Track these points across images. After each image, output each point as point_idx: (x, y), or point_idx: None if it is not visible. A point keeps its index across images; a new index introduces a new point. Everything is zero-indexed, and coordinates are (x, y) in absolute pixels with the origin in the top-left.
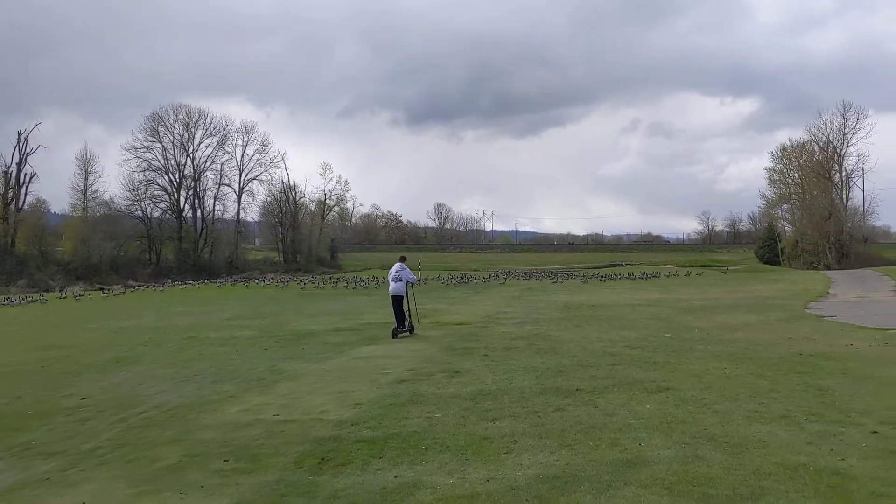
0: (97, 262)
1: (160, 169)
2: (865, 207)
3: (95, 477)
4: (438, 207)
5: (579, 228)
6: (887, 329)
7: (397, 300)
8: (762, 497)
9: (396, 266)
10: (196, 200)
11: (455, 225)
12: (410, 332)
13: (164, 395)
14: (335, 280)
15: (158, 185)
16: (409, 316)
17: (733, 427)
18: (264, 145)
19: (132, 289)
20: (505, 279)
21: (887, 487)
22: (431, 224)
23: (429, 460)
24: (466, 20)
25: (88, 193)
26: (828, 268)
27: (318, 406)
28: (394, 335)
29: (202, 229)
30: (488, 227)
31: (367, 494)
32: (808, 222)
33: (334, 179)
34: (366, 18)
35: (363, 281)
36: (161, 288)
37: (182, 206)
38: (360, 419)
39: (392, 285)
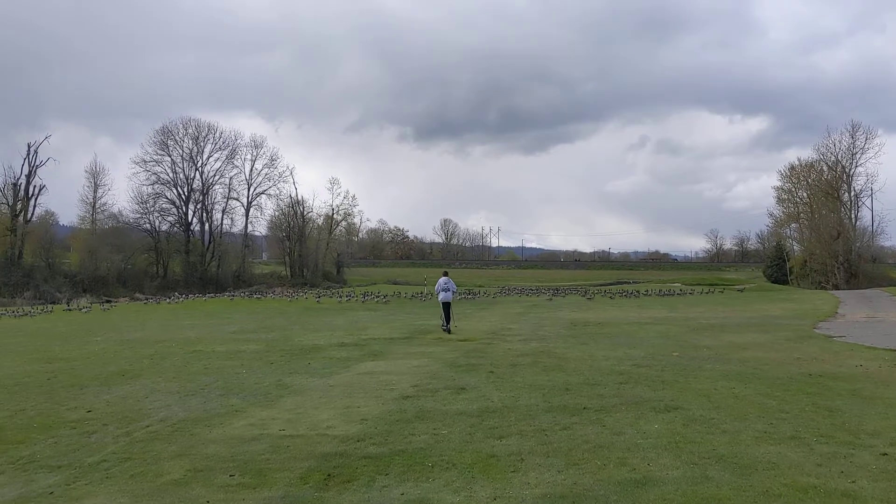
0: (104, 275)
1: (169, 182)
2: (874, 227)
3: (99, 491)
4: (445, 223)
5: (586, 245)
6: None
7: (447, 305)
8: None
9: (443, 280)
10: (204, 214)
11: (461, 241)
12: (449, 331)
13: (169, 408)
14: (346, 294)
15: (167, 198)
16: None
17: (742, 447)
18: (273, 160)
19: (141, 301)
20: (513, 295)
21: None
22: (438, 239)
23: (435, 477)
24: (473, 36)
25: (97, 206)
26: (836, 288)
27: (324, 421)
28: (448, 330)
29: (210, 243)
30: (494, 243)
31: None
32: (817, 242)
33: (342, 194)
34: (372, 32)
35: (376, 295)
36: (169, 301)
37: (190, 220)
38: (366, 435)
39: (442, 294)
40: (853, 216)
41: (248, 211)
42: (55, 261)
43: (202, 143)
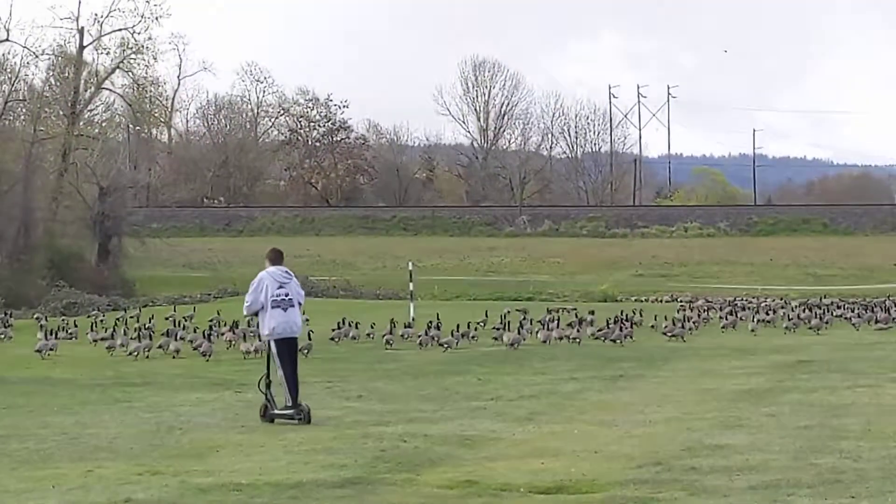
0: None
1: None
2: None
3: None
4: (476, 72)
5: None
6: None
7: (292, 345)
8: None
9: (277, 272)
10: None
11: (525, 137)
12: (301, 419)
13: None
14: (130, 329)
15: None
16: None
17: None
18: None
19: None
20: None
21: None
22: (461, 137)
23: None
24: None
25: None
26: None
27: None
28: (270, 418)
29: None
30: (653, 152)
31: None
32: None
33: None
34: None
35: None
36: None
37: None
38: None
39: (279, 316)
40: None
41: None
42: None
43: None
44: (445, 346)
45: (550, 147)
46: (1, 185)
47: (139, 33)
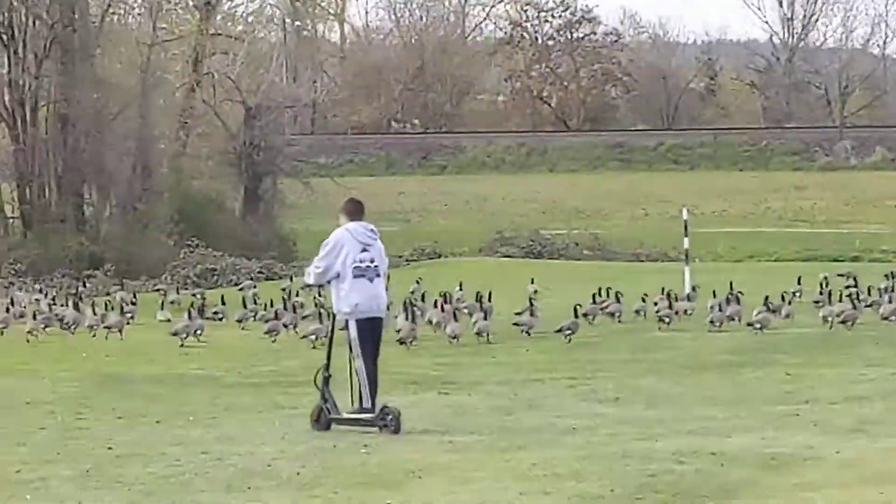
0: None
1: None
2: None
3: None
4: None
5: None
6: None
7: (377, 327)
8: None
9: (360, 230)
10: None
11: None
12: (386, 426)
13: None
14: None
15: None
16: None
17: None
18: None
19: None
20: None
21: None
22: (755, 31)
23: None
24: None
25: None
26: None
27: None
28: (327, 424)
29: None
30: None
31: None
32: None
33: None
34: None
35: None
36: None
37: None
38: None
39: (364, 289)
40: None
41: None
42: None
43: None
44: (758, 326)
45: (884, 42)
46: (109, 107)
47: None
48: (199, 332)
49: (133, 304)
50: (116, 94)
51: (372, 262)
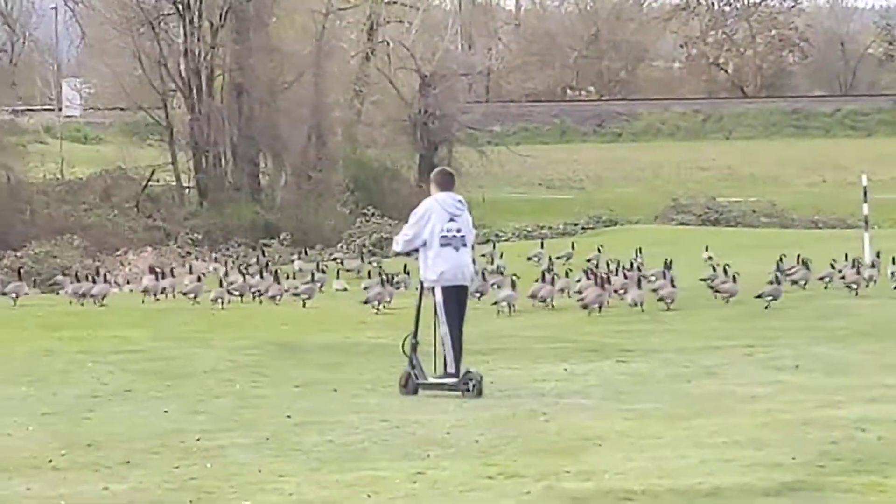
0: None
1: None
2: None
3: None
4: None
5: None
6: None
7: (462, 295)
8: None
9: (448, 200)
10: None
11: None
12: (468, 390)
13: None
14: None
15: None
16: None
17: None
18: None
19: None
20: None
21: None
22: None
23: None
24: None
25: None
26: None
27: None
28: (414, 388)
29: None
30: None
31: None
32: None
33: None
34: None
35: None
36: None
37: None
38: None
39: (450, 257)
40: None
41: None
42: None
43: None
44: None
45: None
46: (283, 75)
47: None
48: (389, 299)
49: (323, 272)
50: (291, 62)
51: (458, 231)
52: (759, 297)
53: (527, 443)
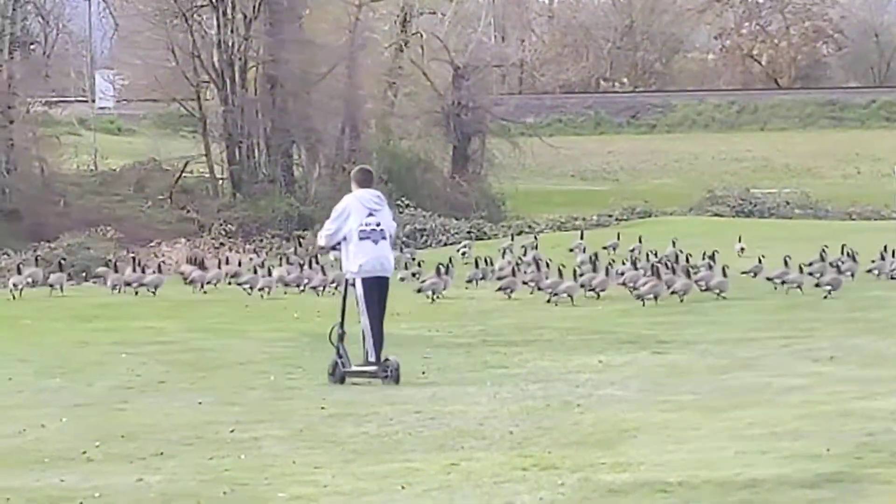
0: None
1: None
2: None
3: None
4: None
5: None
6: None
7: (383, 286)
8: None
9: (367, 196)
10: None
11: None
12: (387, 377)
13: None
14: None
15: None
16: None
17: None
18: None
19: None
20: None
21: None
22: None
23: None
24: None
25: None
26: None
27: None
28: (341, 377)
29: None
30: None
31: None
32: None
33: None
34: None
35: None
36: None
37: None
38: None
39: (369, 250)
40: None
41: None
42: None
43: None
44: None
45: None
46: (317, 67)
47: None
48: (445, 288)
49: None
50: (324, 54)
51: (378, 225)
52: (817, 285)
53: (561, 434)
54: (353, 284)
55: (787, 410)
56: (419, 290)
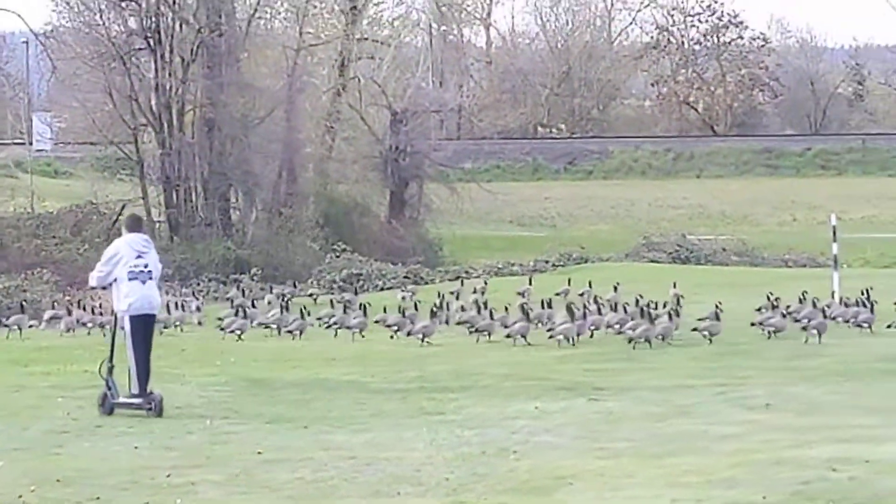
0: None
1: None
2: None
3: None
4: None
5: None
6: None
7: (149, 323)
8: None
9: (136, 240)
10: None
11: None
12: (150, 409)
13: None
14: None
15: None
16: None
17: None
18: None
19: None
20: None
21: None
22: None
23: None
24: None
25: None
26: None
27: None
28: (110, 408)
29: None
30: None
31: None
32: None
33: None
34: None
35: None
36: None
37: None
38: None
39: (137, 290)
40: None
41: None
42: None
43: None
44: None
45: None
46: (255, 110)
47: None
48: (433, 333)
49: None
50: (262, 98)
51: (146, 266)
52: (804, 329)
53: (497, 481)
54: (122, 322)
55: (722, 458)
56: (409, 333)
